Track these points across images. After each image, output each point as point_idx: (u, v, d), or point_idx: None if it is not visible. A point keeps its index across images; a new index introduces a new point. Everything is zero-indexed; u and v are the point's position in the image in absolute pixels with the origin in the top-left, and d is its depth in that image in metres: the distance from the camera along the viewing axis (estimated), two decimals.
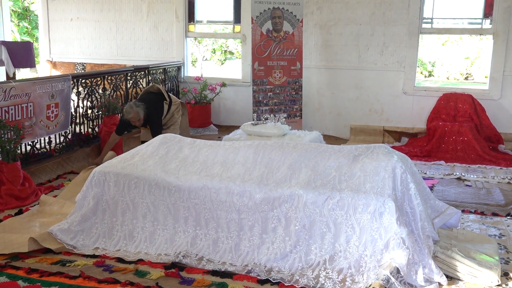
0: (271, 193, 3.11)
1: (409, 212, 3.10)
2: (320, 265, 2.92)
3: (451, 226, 3.51)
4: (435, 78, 12.43)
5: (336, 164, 3.28)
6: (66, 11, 8.47)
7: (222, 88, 7.55)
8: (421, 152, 6.27)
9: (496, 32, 6.58)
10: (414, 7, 6.78)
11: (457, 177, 5.25)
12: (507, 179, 5.18)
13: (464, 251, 3.07)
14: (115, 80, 6.34)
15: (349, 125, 7.24)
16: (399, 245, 2.77)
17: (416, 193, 3.15)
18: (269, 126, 5.40)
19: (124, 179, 3.44)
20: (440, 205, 3.55)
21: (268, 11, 6.70)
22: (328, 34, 7.18)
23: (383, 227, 2.86)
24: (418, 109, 7.00)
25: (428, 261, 2.83)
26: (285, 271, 2.92)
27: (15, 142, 4.29)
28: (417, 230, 3.05)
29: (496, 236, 3.59)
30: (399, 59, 6.98)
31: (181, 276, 2.90)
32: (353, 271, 2.84)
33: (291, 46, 6.86)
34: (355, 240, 2.92)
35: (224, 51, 13.67)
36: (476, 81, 11.63)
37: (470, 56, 12.38)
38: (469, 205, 4.30)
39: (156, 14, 8.03)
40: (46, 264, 3.04)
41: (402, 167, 3.17)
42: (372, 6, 6.96)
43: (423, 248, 2.89)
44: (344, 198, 2.98)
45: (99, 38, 8.40)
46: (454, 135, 6.28)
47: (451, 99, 6.77)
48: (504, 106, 6.70)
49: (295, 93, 6.98)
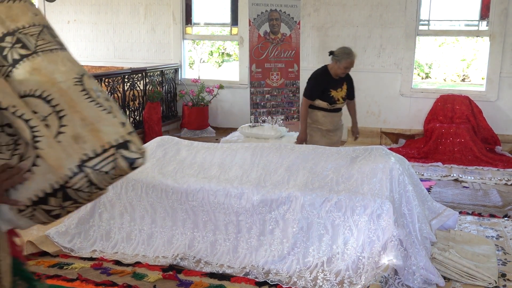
0: (268, 195, 3.11)
1: (407, 214, 3.10)
2: (318, 267, 2.92)
3: (449, 227, 3.52)
4: (432, 80, 12.46)
5: (334, 166, 3.28)
6: (63, 13, 8.47)
7: (220, 90, 7.55)
8: (419, 153, 6.28)
9: (493, 34, 6.61)
10: (411, 9, 6.80)
11: (454, 179, 5.26)
12: (504, 180, 5.20)
13: (462, 252, 3.07)
14: (112, 82, 6.33)
15: (346, 127, 7.24)
16: (396, 246, 2.78)
17: (414, 194, 3.16)
18: (267, 128, 5.40)
19: (122, 181, 3.43)
20: (438, 207, 3.55)
21: (266, 13, 6.71)
22: (326, 36, 7.19)
23: (381, 229, 2.87)
24: (415, 111, 7.02)
25: (425, 262, 2.83)
26: (283, 273, 2.92)
27: None
28: (414, 232, 3.05)
29: (494, 237, 3.60)
30: (396, 61, 6.99)
31: (179, 278, 2.90)
32: (350, 273, 2.84)
33: (289, 48, 6.87)
34: (353, 242, 2.92)
35: (222, 53, 13.68)
36: (472, 82, 11.66)
37: (466, 58, 12.41)
38: (467, 207, 4.31)
39: (153, 16, 8.03)
40: (43, 267, 3.04)
41: (400, 169, 3.17)
42: (369, 8, 6.97)
43: (421, 249, 2.90)
44: (342, 200, 2.98)
45: (96, 41, 8.40)
46: (451, 136, 6.29)
47: (448, 101, 6.78)
48: (501, 108, 6.72)
49: (293, 95, 6.99)
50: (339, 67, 4.35)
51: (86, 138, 1.24)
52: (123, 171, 1.26)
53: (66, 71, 1.35)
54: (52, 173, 1.25)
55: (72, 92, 1.31)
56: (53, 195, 1.28)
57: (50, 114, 1.27)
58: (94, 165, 1.22)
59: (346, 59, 4.33)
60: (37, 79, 1.31)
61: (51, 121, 1.26)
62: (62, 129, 1.25)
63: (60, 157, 1.24)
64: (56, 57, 1.38)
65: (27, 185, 1.30)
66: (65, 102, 1.29)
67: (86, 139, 1.24)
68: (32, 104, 1.28)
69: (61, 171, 1.24)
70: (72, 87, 1.31)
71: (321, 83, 4.41)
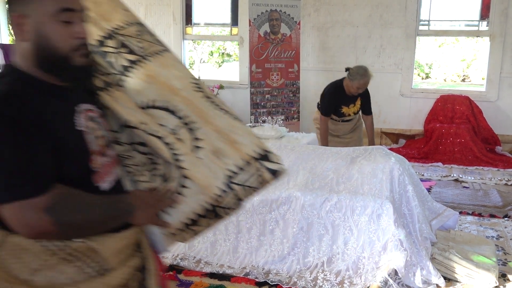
0: (268, 195, 3.11)
1: (407, 214, 3.10)
2: (318, 267, 2.92)
3: (449, 227, 3.52)
4: (432, 80, 12.45)
5: (334, 166, 3.28)
6: None
7: (220, 90, 7.54)
8: (419, 154, 6.28)
9: (493, 34, 6.60)
10: (411, 9, 6.80)
11: (454, 179, 5.26)
12: (504, 180, 5.20)
13: (462, 252, 3.07)
14: None
15: None
16: (397, 247, 2.77)
17: (414, 195, 3.15)
18: (267, 128, 5.40)
19: None
20: (438, 207, 3.55)
21: (266, 14, 6.71)
22: (326, 36, 7.19)
23: (381, 229, 2.87)
24: (416, 111, 7.01)
25: (426, 262, 2.83)
26: (283, 274, 2.92)
27: None
28: (414, 232, 3.05)
29: (494, 237, 3.59)
30: (396, 61, 6.99)
31: (178, 278, 2.90)
32: (351, 273, 2.84)
33: (289, 49, 6.86)
34: (353, 242, 2.92)
35: (222, 54, 13.68)
36: (473, 83, 11.66)
37: (466, 58, 12.41)
38: (467, 207, 4.30)
39: (154, 16, 8.03)
40: None
41: (400, 169, 3.17)
42: (369, 8, 6.97)
43: (421, 249, 2.90)
44: (342, 200, 2.98)
45: None
46: (452, 137, 6.29)
47: (448, 101, 6.78)
48: (501, 108, 6.71)
49: (293, 95, 6.98)
50: (352, 86, 4.31)
51: (226, 151, 1.15)
52: (267, 184, 1.18)
53: (181, 76, 1.24)
54: (202, 194, 1.16)
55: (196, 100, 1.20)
56: (204, 216, 1.20)
57: (179, 126, 1.16)
58: (241, 181, 1.14)
59: (359, 80, 4.27)
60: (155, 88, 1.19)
61: (182, 134, 1.16)
62: (198, 144, 1.15)
63: (207, 176, 1.14)
64: (166, 60, 1.27)
65: (179, 208, 1.21)
66: (193, 113, 1.17)
67: (226, 153, 1.15)
68: (155, 116, 1.17)
69: (210, 191, 1.15)
70: (193, 93, 1.21)
71: (334, 101, 4.40)
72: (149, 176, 1.23)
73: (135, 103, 1.19)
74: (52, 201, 1.12)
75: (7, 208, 1.11)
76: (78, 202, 1.16)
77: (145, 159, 1.23)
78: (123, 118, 1.19)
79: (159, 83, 1.20)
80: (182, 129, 1.16)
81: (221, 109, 1.21)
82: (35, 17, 1.14)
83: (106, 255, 1.19)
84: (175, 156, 1.15)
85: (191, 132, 1.16)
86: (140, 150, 1.23)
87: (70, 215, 1.14)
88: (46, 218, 1.11)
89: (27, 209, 1.10)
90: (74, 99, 1.23)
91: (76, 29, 1.16)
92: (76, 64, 1.17)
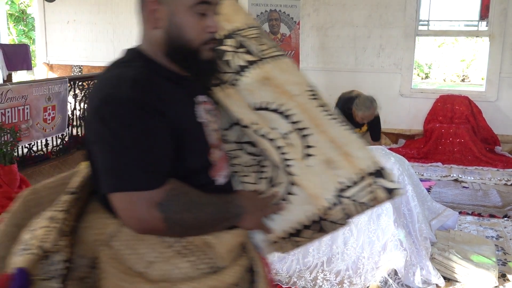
0: None
1: (407, 214, 3.10)
2: (317, 267, 2.91)
3: (449, 227, 3.52)
4: (432, 80, 12.46)
5: None
6: (63, 13, 8.46)
7: None
8: (418, 154, 6.28)
9: (492, 34, 6.61)
10: (411, 9, 6.80)
11: (454, 179, 5.26)
12: (504, 180, 5.20)
13: (462, 252, 3.07)
14: None
15: None
16: (396, 247, 2.77)
17: (414, 195, 3.16)
18: None
19: None
20: (438, 207, 3.55)
21: (265, 14, 6.71)
22: (325, 36, 7.19)
23: (381, 229, 2.87)
24: (415, 111, 7.01)
25: (425, 262, 2.83)
26: (282, 273, 2.91)
27: (12, 145, 4.27)
28: (414, 232, 3.05)
29: (493, 237, 3.60)
30: (395, 61, 6.99)
31: None
32: (350, 273, 2.84)
33: (288, 49, 6.86)
34: (353, 242, 2.92)
35: None
36: (472, 83, 11.66)
37: (466, 58, 12.41)
38: (466, 207, 4.31)
39: None
40: None
41: (399, 169, 3.17)
42: (368, 8, 6.97)
43: (421, 249, 2.90)
44: None
45: (96, 41, 8.39)
46: (451, 137, 6.30)
47: (447, 101, 6.78)
48: (501, 108, 6.72)
49: None
50: (357, 115, 4.28)
51: (339, 163, 1.10)
52: (379, 202, 1.11)
53: (298, 82, 1.20)
54: (309, 204, 1.11)
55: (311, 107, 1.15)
56: (308, 227, 1.14)
57: (291, 131, 1.12)
58: (352, 196, 1.08)
59: (364, 111, 4.24)
60: (270, 90, 1.16)
61: (294, 140, 1.11)
62: (310, 151, 1.10)
63: (316, 185, 1.09)
64: (283, 65, 1.23)
65: (284, 216, 1.16)
66: (308, 120, 1.13)
67: (339, 164, 1.09)
68: (267, 118, 1.13)
69: (319, 202, 1.10)
70: (309, 102, 1.16)
71: None
72: (255, 178, 1.19)
73: (247, 103, 1.16)
74: (166, 197, 1.06)
75: (117, 197, 1.04)
76: (190, 201, 1.10)
77: (251, 160, 1.20)
78: (235, 116, 1.17)
79: (275, 86, 1.17)
80: (294, 134, 1.12)
81: (336, 120, 1.16)
82: (171, 5, 1.10)
83: (221, 251, 1.14)
84: (285, 161, 1.11)
85: (303, 138, 1.12)
86: (247, 150, 1.20)
87: (181, 213, 1.07)
88: (157, 214, 1.04)
89: (139, 202, 1.03)
90: (193, 90, 1.18)
91: (209, 23, 1.12)
92: (204, 57, 1.13)
